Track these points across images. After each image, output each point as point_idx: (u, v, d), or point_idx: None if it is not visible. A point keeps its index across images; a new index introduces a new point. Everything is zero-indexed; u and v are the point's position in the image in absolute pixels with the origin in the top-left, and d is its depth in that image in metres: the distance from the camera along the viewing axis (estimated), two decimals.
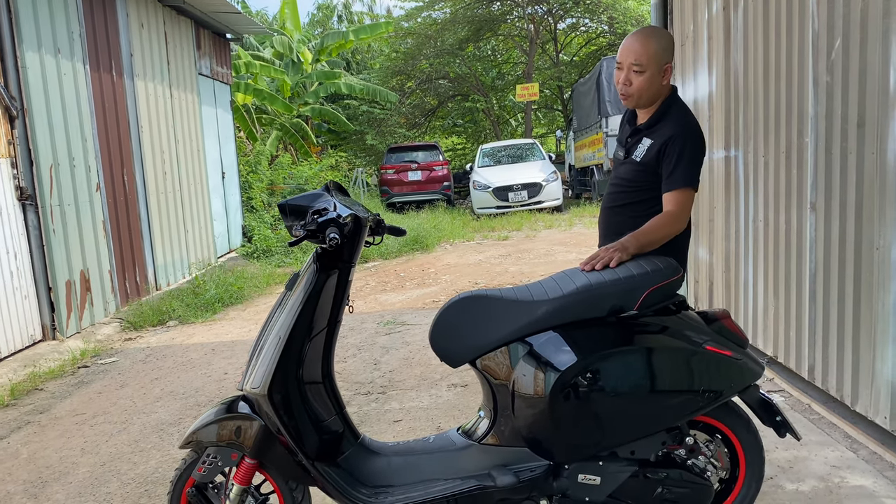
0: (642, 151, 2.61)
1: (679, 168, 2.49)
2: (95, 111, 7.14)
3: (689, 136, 2.53)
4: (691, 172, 2.50)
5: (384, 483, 2.37)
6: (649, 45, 2.53)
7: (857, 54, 3.25)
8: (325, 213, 2.24)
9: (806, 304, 3.81)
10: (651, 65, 2.53)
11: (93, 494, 3.38)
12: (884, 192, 3.09)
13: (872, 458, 3.12)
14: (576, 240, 11.02)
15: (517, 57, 26.75)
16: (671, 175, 2.50)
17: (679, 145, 2.50)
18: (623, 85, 2.60)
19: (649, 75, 2.54)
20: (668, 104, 2.62)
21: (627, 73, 2.57)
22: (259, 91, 16.03)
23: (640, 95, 2.58)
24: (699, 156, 2.55)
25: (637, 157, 2.62)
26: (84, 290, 6.62)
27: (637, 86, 2.56)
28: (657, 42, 2.55)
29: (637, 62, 2.54)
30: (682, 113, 2.61)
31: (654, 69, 2.54)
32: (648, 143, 2.60)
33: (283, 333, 2.32)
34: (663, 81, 2.58)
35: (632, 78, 2.56)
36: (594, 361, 2.17)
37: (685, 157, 2.49)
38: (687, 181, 2.48)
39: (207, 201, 10.38)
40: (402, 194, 18.34)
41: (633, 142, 2.67)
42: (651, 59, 2.53)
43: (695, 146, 2.53)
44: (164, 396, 4.77)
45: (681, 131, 2.53)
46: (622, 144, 2.77)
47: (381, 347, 5.58)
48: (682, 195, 2.48)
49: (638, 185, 2.64)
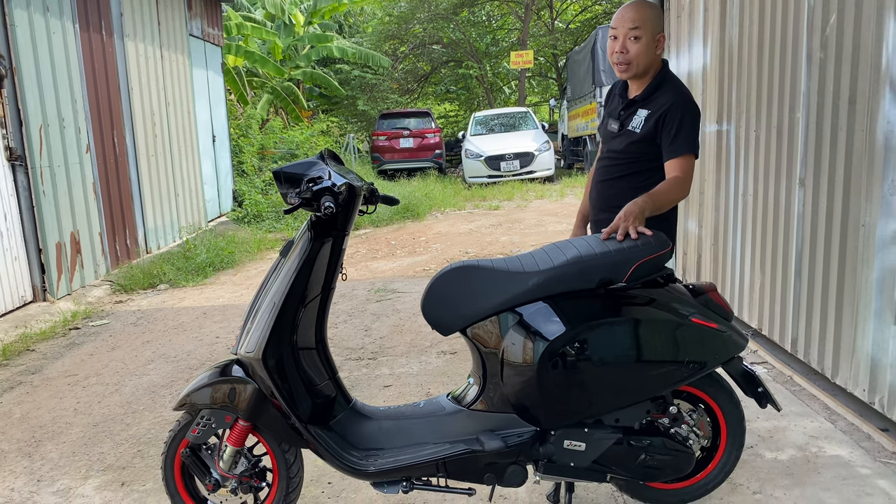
0: (639, 123, 2.64)
1: (680, 135, 2.55)
2: (85, 71, 7.05)
3: (688, 105, 2.60)
4: (692, 139, 2.57)
5: (375, 446, 2.42)
6: (643, 11, 2.60)
7: (851, 31, 3.26)
8: (320, 181, 2.25)
9: (791, 279, 3.88)
10: (647, 30, 2.59)
11: (86, 454, 3.44)
12: (871, 170, 3.13)
13: (850, 428, 3.21)
14: (567, 210, 11.05)
15: (512, 23, 26.46)
16: (673, 142, 2.56)
17: (679, 114, 2.56)
18: (620, 53, 2.63)
19: (646, 41, 2.60)
20: (662, 76, 2.67)
21: (624, 40, 2.61)
22: (250, 53, 15.82)
23: (638, 62, 2.62)
24: (697, 123, 2.61)
25: (636, 129, 2.65)
26: (74, 252, 6.62)
27: (635, 52, 2.60)
28: (651, 9, 2.63)
29: (634, 26, 2.59)
30: (676, 83, 2.67)
31: (649, 35, 2.60)
32: (645, 113, 2.63)
33: (277, 299, 2.35)
34: (657, 51, 2.63)
35: (629, 45, 2.60)
36: (582, 332, 2.21)
37: (686, 125, 2.56)
38: (689, 148, 2.56)
39: (198, 165, 10.32)
40: (393, 161, 18.26)
41: (628, 114, 2.70)
42: (646, 24, 2.59)
43: (693, 114, 2.60)
44: (156, 359, 4.81)
45: (679, 100, 2.59)
46: (615, 117, 2.79)
47: (372, 314, 5.63)
48: (685, 161, 2.55)
49: (634, 157, 2.68)
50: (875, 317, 3.12)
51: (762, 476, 2.84)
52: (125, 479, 3.15)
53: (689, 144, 2.55)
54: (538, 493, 2.80)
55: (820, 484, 2.76)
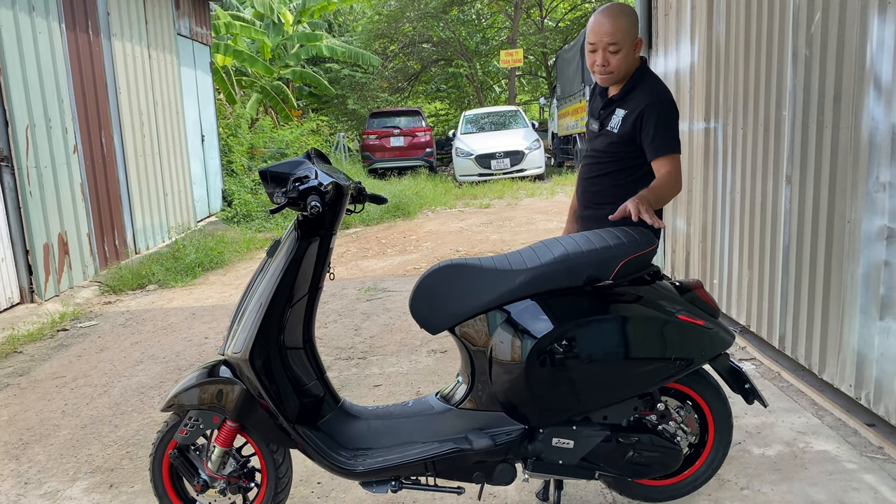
0: (617, 123, 2.66)
1: (658, 136, 2.56)
2: (72, 71, 7.01)
3: (662, 104, 2.60)
4: (671, 138, 2.58)
5: (363, 446, 2.42)
6: (620, 23, 2.58)
7: (836, 29, 3.28)
8: (306, 180, 2.25)
9: (779, 275, 3.90)
10: (626, 42, 2.59)
11: (74, 456, 3.42)
12: (856, 167, 3.15)
13: (837, 424, 3.23)
14: (557, 208, 11.07)
15: (501, 22, 26.47)
16: (653, 143, 2.56)
17: (654, 114, 2.56)
18: (601, 66, 2.63)
19: (625, 52, 2.60)
20: (639, 75, 2.68)
21: (604, 53, 2.61)
22: (239, 52, 15.75)
23: (619, 73, 2.64)
24: (673, 121, 2.61)
25: (614, 129, 2.67)
26: (62, 254, 6.58)
27: (615, 64, 2.62)
28: (627, 18, 2.60)
29: (613, 42, 2.58)
30: (652, 83, 2.67)
31: (628, 46, 2.60)
32: (623, 113, 2.65)
33: (264, 299, 2.34)
34: (636, 55, 2.65)
35: (609, 58, 2.61)
36: (570, 329, 2.22)
37: (662, 126, 2.56)
38: (669, 147, 2.56)
39: (187, 164, 10.27)
40: (384, 160, 18.24)
41: (607, 114, 2.73)
42: (625, 37, 2.59)
43: (668, 113, 2.60)
44: (145, 360, 4.79)
45: (653, 100, 2.59)
46: (595, 117, 2.82)
47: (362, 313, 5.63)
48: (670, 160, 2.56)
49: (615, 156, 2.70)
50: (861, 312, 3.14)
51: (750, 472, 2.86)
52: (113, 481, 3.14)
53: (669, 144, 2.56)
54: (527, 492, 2.80)
55: (807, 479, 2.78)
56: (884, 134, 2.95)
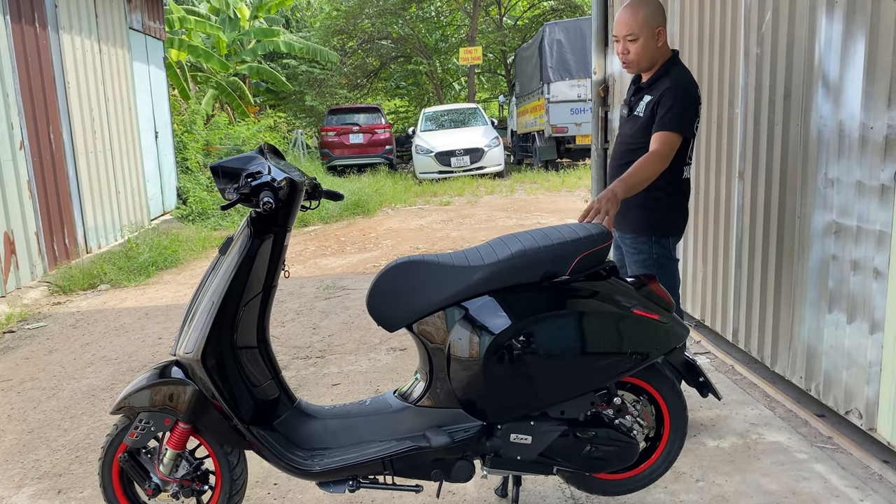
0: (643, 108, 2.90)
1: (669, 114, 2.76)
2: (17, 65, 6.78)
3: (683, 90, 2.80)
4: (680, 119, 2.76)
5: (320, 446, 2.39)
6: (638, 14, 2.81)
7: (786, 28, 3.35)
8: (258, 176, 2.20)
9: (732, 270, 3.97)
10: (643, 31, 2.81)
11: (20, 462, 3.31)
12: (806, 163, 3.21)
13: (788, 415, 3.30)
14: (517, 206, 11.12)
15: (461, 19, 26.50)
16: (660, 119, 2.77)
17: (671, 97, 2.77)
18: (622, 55, 2.89)
19: (643, 41, 2.83)
20: (669, 65, 2.91)
21: (624, 43, 2.86)
22: (194, 48, 15.46)
23: (639, 61, 2.88)
24: (690, 107, 2.80)
25: (640, 114, 2.92)
26: (8, 253, 6.36)
27: (634, 53, 2.86)
28: (645, 9, 2.82)
29: (630, 32, 2.82)
30: (679, 72, 2.88)
31: (646, 34, 2.82)
32: (648, 98, 2.90)
33: (216, 298, 2.29)
34: (658, 44, 2.86)
35: (629, 47, 2.85)
36: (527, 325, 2.21)
37: (676, 106, 2.76)
38: (674, 126, 2.74)
39: (140, 162, 10.04)
40: (343, 157, 18.10)
41: (636, 100, 2.96)
42: (642, 27, 2.81)
43: (686, 97, 2.79)
44: (96, 362, 4.66)
45: (674, 85, 2.80)
46: (626, 103, 3.05)
47: (321, 312, 5.57)
48: (668, 136, 2.74)
49: (642, 141, 2.87)
50: (811, 306, 3.21)
51: (705, 464, 2.90)
52: (62, 487, 3.04)
53: (674, 123, 2.73)
54: (486, 488, 2.80)
55: (760, 470, 2.83)
56: (832, 131, 3.02)
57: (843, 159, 2.95)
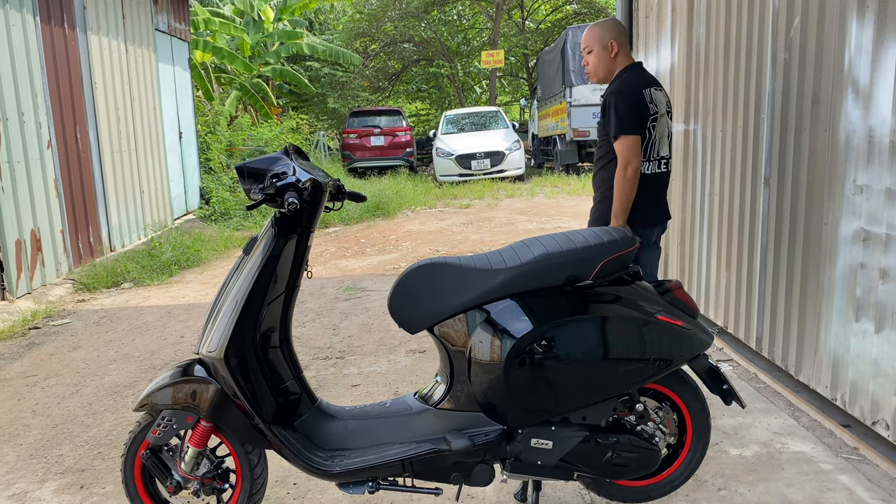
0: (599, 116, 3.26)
1: (612, 120, 3.04)
2: (46, 65, 6.88)
3: (619, 92, 3.06)
4: (622, 121, 3.01)
5: (340, 446, 2.39)
6: (593, 30, 3.21)
7: (815, 33, 3.30)
8: (283, 176, 2.21)
9: (756, 277, 3.92)
10: (596, 44, 3.18)
11: (44, 457, 3.35)
12: (834, 170, 3.17)
13: (812, 425, 3.25)
14: (537, 209, 11.09)
15: (483, 22, 26.50)
16: (612, 129, 3.05)
17: (613, 102, 3.05)
18: (584, 66, 3.29)
19: (597, 52, 3.20)
20: (621, 74, 3.19)
21: (585, 56, 3.27)
22: (218, 49, 15.59)
23: (597, 71, 3.24)
24: (630, 107, 3.02)
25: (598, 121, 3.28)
26: (35, 250, 6.46)
27: (592, 63, 3.23)
28: (601, 26, 3.22)
29: (586, 45, 3.23)
30: (625, 78, 3.13)
31: (598, 47, 3.18)
32: None
33: (240, 297, 2.30)
34: (612, 55, 3.17)
35: (587, 59, 3.25)
36: (549, 329, 2.20)
37: (615, 110, 3.03)
38: (620, 129, 3.01)
39: (164, 161, 10.15)
40: (364, 159, 18.16)
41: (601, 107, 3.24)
42: (595, 40, 3.19)
43: (622, 97, 3.04)
44: (119, 359, 4.71)
45: (615, 90, 3.09)
46: None
47: (341, 313, 5.58)
48: (621, 143, 3.01)
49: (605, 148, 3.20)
50: (837, 314, 3.17)
51: (727, 472, 2.86)
52: (84, 482, 3.07)
53: (619, 127, 3.00)
54: (505, 492, 2.79)
55: (783, 480, 2.79)
56: (861, 137, 2.98)
57: (873, 166, 2.91)
